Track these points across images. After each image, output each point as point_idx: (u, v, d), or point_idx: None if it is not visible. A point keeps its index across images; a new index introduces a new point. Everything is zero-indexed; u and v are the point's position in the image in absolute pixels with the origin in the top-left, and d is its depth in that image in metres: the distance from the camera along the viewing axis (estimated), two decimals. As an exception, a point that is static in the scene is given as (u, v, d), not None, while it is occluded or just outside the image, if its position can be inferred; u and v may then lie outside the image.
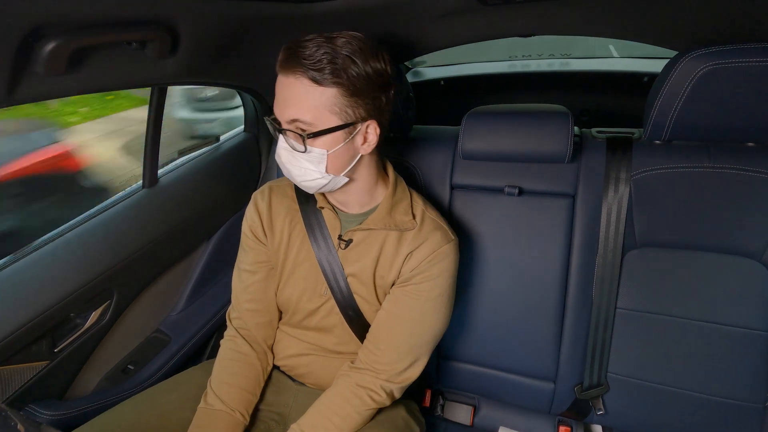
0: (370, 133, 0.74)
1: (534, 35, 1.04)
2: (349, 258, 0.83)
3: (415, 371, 0.83)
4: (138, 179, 1.13)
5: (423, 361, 0.84)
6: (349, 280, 0.84)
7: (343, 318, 0.86)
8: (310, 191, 0.79)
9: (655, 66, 1.77)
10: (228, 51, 0.91)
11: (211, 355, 1.19)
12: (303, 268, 0.87)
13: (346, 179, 0.77)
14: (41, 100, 0.66)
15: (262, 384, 0.91)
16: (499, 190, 1.03)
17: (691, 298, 0.93)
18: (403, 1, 0.87)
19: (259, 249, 0.90)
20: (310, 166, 0.73)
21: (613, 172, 0.95)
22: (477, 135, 1.01)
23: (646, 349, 0.97)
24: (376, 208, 0.83)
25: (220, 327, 1.29)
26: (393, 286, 0.83)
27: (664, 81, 0.85)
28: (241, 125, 1.47)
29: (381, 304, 0.85)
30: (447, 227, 0.84)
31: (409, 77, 2.03)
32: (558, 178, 1.00)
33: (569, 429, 1.11)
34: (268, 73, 1.14)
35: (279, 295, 0.90)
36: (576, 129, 1.02)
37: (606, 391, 1.01)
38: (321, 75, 0.66)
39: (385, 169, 0.86)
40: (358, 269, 0.83)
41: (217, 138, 1.39)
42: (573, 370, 1.04)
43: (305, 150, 0.71)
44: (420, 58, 1.73)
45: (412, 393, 0.95)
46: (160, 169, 1.17)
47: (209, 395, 0.84)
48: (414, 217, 0.83)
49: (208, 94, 3.40)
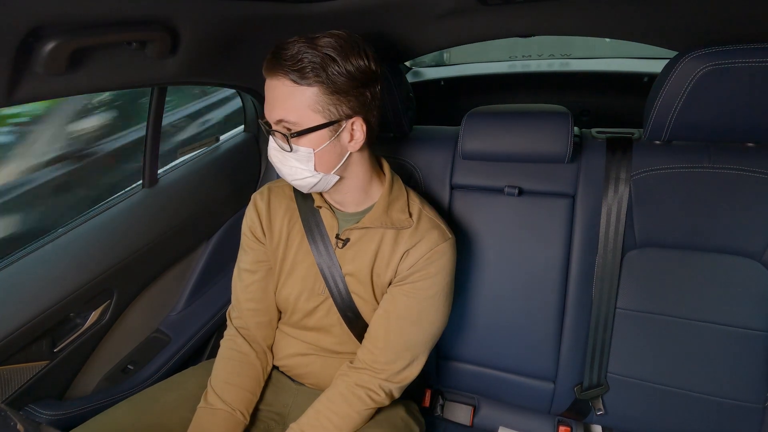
0: (357, 130, 0.74)
1: (534, 35, 1.04)
2: (346, 257, 0.83)
3: (414, 370, 0.83)
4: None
5: (422, 360, 0.83)
6: (346, 279, 0.84)
7: (341, 318, 0.86)
8: (303, 190, 0.80)
9: (655, 66, 1.77)
10: (228, 51, 0.91)
11: (211, 355, 1.19)
12: (301, 268, 0.87)
13: (338, 177, 0.78)
14: (41, 100, 0.66)
15: (262, 383, 0.91)
16: (499, 190, 1.03)
17: (691, 298, 0.93)
18: (402, 1, 0.87)
19: (258, 249, 0.90)
20: (299, 165, 0.73)
21: (612, 172, 0.95)
22: (477, 135, 1.01)
23: (646, 350, 0.97)
24: (373, 206, 0.83)
25: (220, 327, 1.29)
26: (390, 285, 0.83)
27: (664, 81, 0.85)
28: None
29: (379, 303, 0.85)
30: (444, 226, 0.84)
31: (409, 77, 2.04)
32: (558, 178, 1.00)
33: (569, 429, 1.11)
34: (268, 73, 1.14)
35: (278, 295, 0.90)
36: (576, 129, 1.02)
37: (606, 391, 1.01)
38: (301, 75, 0.67)
39: (381, 167, 0.86)
40: (356, 268, 0.83)
41: (217, 138, 1.39)
42: (573, 370, 1.04)
43: (291, 149, 0.72)
44: (420, 58, 1.73)
45: (411, 393, 0.95)
46: (160, 169, 1.18)
47: (209, 394, 0.85)
48: (410, 215, 0.83)
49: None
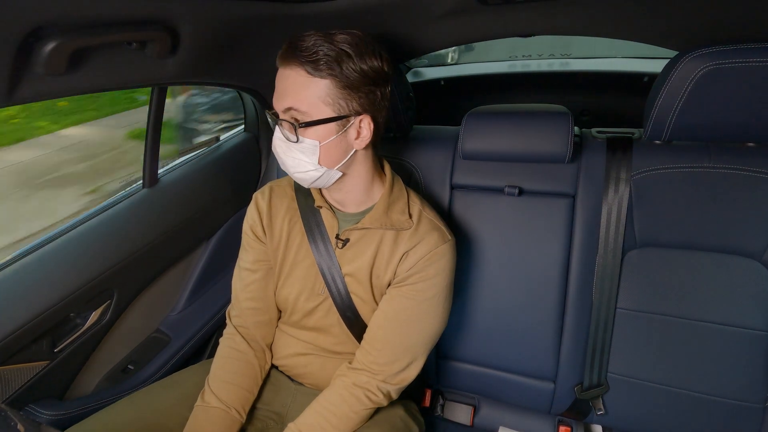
0: (364, 127, 0.74)
1: (534, 35, 1.04)
2: (346, 257, 0.83)
3: (413, 372, 0.83)
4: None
5: (420, 361, 0.83)
6: (346, 279, 0.84)
7: (340, 318, 0.86)
8: (304, 184, 0.79)
9: (655, 66, 1.76)
10: (228, 51, 0.91)
11: (211, 355, 1.19)
12: (301, 268, 0.87)
13: (340, 174, 0.77)
14: (41, 100, 0.66)
15: (260, 382, 0.91)
16: (499, 190, 1.03)
17: (691, 298, 0.93)
18: (402, 1, 0.87)
19: (259, 248, 0.90)
20: (303, 157, 0.73)
21: (613, 172, 0.95)
22: (477, 135, 1.01)
23: (646, 349, 0.97)
24: (373, 207, 0.83)
25: (220, 327, 1.28)
26: (389, 286, 0.83)
27: (664, 81, 0.85)
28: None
29: (378, 304, 0.84)
30: (444, 227, 0.84)
31: (409, 77, 2.03)
32: (558, 178, 1.00)
33: (569, 429, 1.11)
34: (268, 73, 1.13)
35: (277, 294, 0.90)
36: (576, 129, 1.02)
37: (606, 391, 1.01)
38: (315, 66, 0.68)
39: (382, 168, 0.86)
40: (355, 269, 0.83)
41: (217, 138, 1.39)
42: (573, 370, 1.04)
43: (297, 140, 0.72)
44: (420, 58, 1.73)
45: (411, 393, 0.95)
46: (161, 169, 1.18)
47: (206, 393, 0.85)
48: (410, 216, 0.82)
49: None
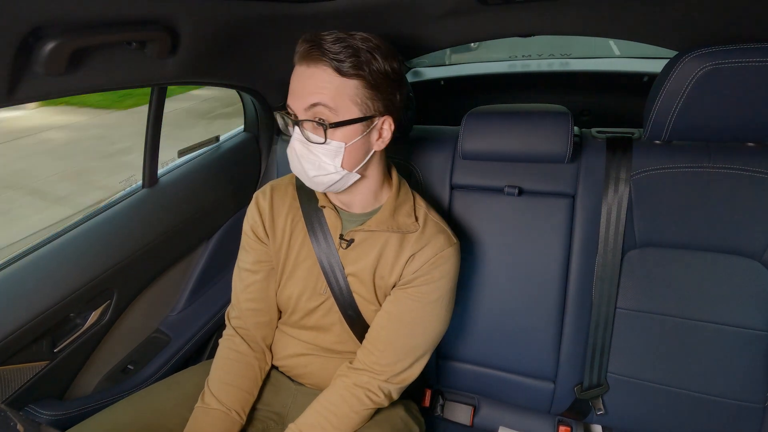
0: (385, 128, 0.75)
1: (534, 35, 1.04)
2: (349, 257, 0.83)
3: (414, 372, 0.83)
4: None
5: (422, 362, 0.84)
6: (349, 279, 0.84)
7: (341, 316, 0.86)
8: (319, 188, 0.78)
9: (655, 66, 1.77)
10: (228, 51, 0.91)
11: (211, 355, 1.19)
12: (303, 268, 0.87)
13: (357, 176, 0.77)
14: (41, 100, 0.66)
15: (260, 383, 0.91)
16: (499, 190, 1.03)
17: (691, 298, 0.93)
18: (402, 1, 0.87)
19: (260, 248, 0.90)
20: (326, 160, 0.72)
21: (613, 172, 0.95)
22: (477, 135, 1.01)
23: (646, 349, 0.97)
24: (379, 209, 0.83)
25: (220, 327, 1.28)
26: (394, 287, 0.83)
27: (664, 81, 0.85)
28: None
29: (380, 304, 0.84)
30: (449, 231, 0.84)
31: (409, 77, 2.03)
32: (558, 178, 1.00)
33: (569, 429, 1.11)
34: (268, 73, 1.14)
35: (279, 295, 0.90)
36: (576, 129, 1.01)
37: (606, 391, 1.01)
38: (344, 66, 0.67)
39: (389, 171, 0.86)
40: (358, 269, 0.83)
41: (217, 138, 1.39)
42: (573, 370, 1.04)
43: (325, 140, 0.70)
44: (420, 58, 1.73)
45: (411, 393, 0.95)
46: (160, 169, 1.18)
47: (206, 394, 0.85)
48: (417, 219, 0.83)
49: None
